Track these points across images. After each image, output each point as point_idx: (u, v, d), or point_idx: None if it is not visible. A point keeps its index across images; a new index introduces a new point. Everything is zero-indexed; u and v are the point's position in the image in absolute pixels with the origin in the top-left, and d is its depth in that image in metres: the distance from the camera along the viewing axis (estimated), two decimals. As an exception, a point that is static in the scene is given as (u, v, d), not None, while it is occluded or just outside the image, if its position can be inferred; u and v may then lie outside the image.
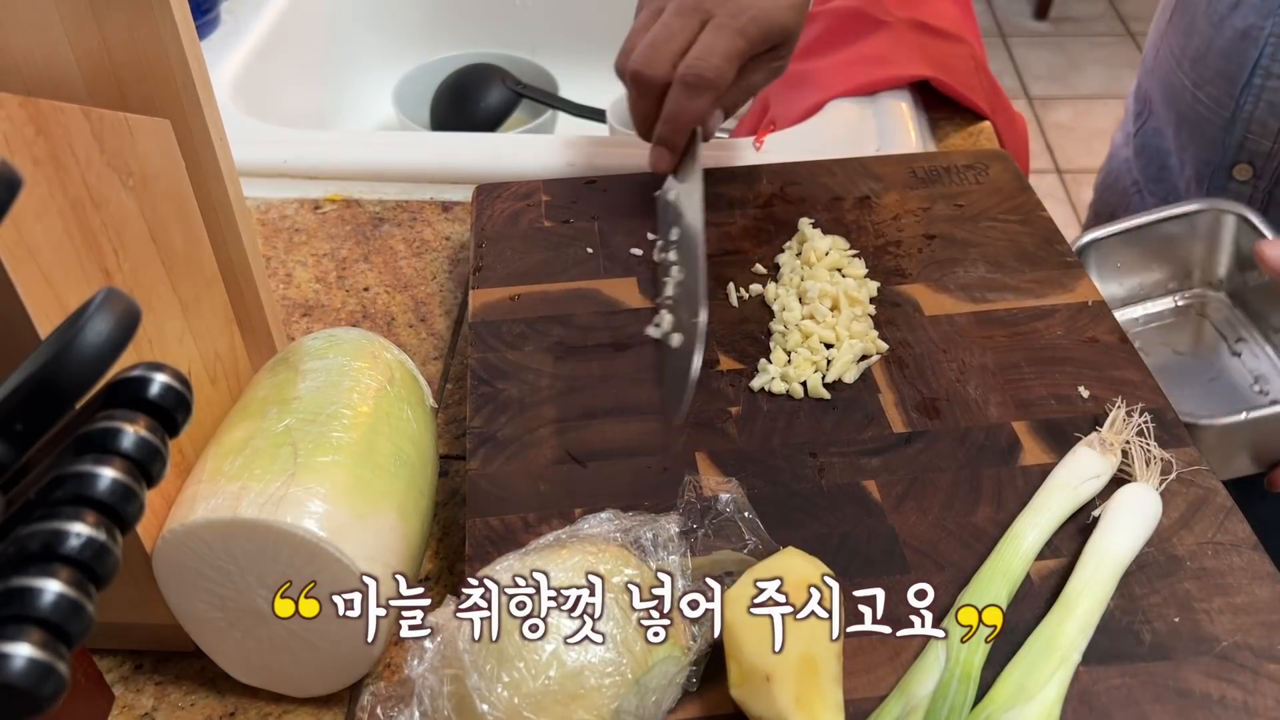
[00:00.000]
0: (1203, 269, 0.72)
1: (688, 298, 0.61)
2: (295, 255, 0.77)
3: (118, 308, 0.27)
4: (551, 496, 0.54)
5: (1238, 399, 0.68)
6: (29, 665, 0.22)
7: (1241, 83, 0.74)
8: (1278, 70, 0.72)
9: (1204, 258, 0.72)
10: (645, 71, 0.67)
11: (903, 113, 0.85)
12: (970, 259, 0.67)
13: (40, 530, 0.25)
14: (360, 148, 0.86)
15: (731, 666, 0.44)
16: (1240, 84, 0.74)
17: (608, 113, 1.00)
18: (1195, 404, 0.67)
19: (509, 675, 0.41)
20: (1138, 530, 0.50)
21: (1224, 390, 0.68)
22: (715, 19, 0.66)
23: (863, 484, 0.54)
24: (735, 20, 0.66)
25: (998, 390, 0.59)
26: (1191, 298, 0.73)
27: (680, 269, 0.64)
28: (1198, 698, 0.45)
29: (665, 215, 0.70)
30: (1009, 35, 3.04)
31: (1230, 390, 0.68)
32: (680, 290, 0.63)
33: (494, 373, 0.60)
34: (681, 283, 0.63)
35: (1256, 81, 0.73)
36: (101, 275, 0.44)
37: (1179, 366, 0.70)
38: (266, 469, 0.46)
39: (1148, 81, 0.88)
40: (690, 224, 0.65)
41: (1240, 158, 0.77)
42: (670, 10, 0.67)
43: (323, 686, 0.50)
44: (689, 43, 0.66)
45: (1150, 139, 0.88)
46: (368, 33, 1.17)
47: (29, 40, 0.46)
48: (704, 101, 0.67)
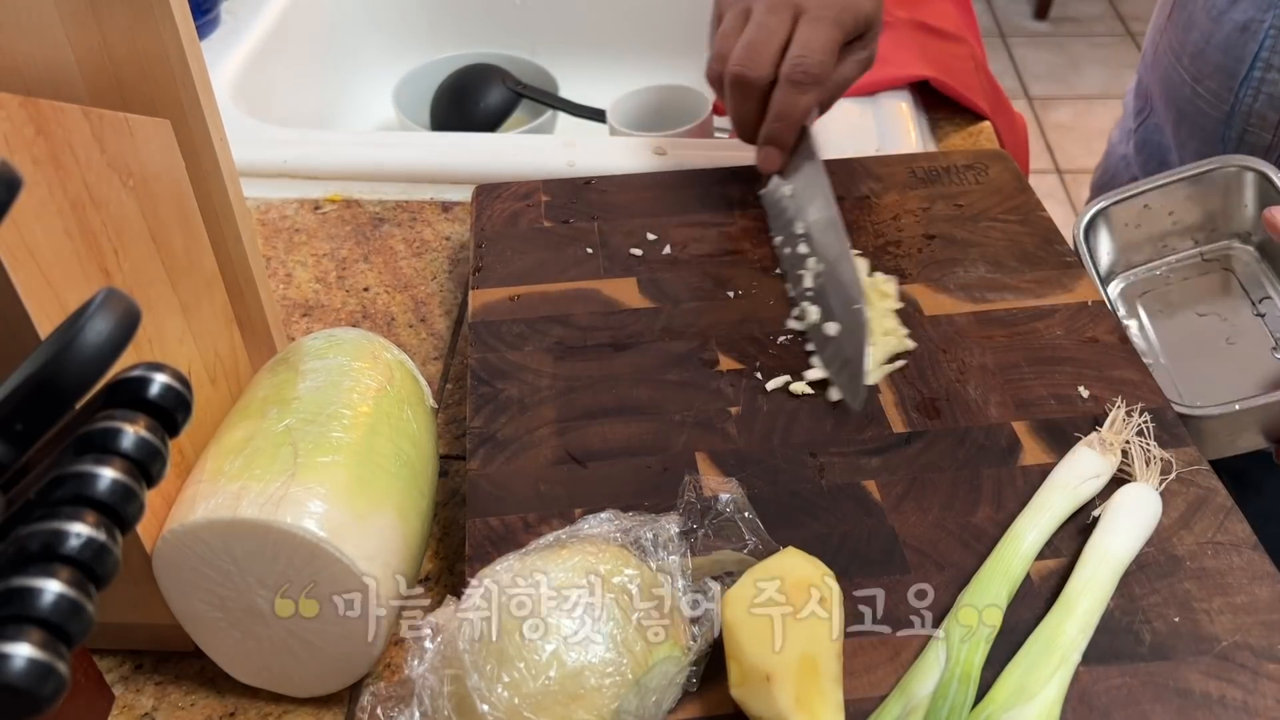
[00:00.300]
0: (1226, 221, 0.71)
1: (838, 287, 0.62)
2: (295, 255, 0.77)
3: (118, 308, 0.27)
4: (551, 496, 0.54)
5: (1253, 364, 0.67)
6: (29, 665, 0.22)
7: (1241, 76, 0.74)
8: (1277, 63, 0.72)
9: (1227, 211, 0.70)
10: (749, 73, 0.67)
11: (903, 113, 0.85)
12: (970, 259, 0.67)
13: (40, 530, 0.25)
14: (360, 148, 0.86)
15: (731, 666, 0.44)
16: (1239, 78, 0.74)
17: (608, 113, 1.00)
18: (1209, 371, 0.66)
19: (509, 675, 0.41)
20: (1138, 530, 0.50)
21: (1241, 354, 0.67)
22: (808, 13, 0.66)
23: (863, 484, 0.54)
24: (828, 11, 0.66)
25: (998, 390, 0.59)
26: (1218, 250, 0.71)
27: (818, 260, 0.64)
28: (1198, 698, 0.45)
29: (781, 209, 0.70)
30: (1009, 35, 3.04)
31: (1248, 355, 0.67)
32: (824, 280, 0.63)
33: (494, 373, 0.60)
34: (822, 274, 0.64)
35: (1256, 75, 0.73)
36: (101, 275, 0.44)
37: (1199, 328, 0.69)
38: (266, 469, 0.46)
39: (1148, 78, 0.88)
40: (824, 216, 0.66)
41: (1240, 151, 0.77)
42: (762, 9, 0.67)
43: (323, 686, 0.50)
44: (786, 40, 0.67)
45: (1151, 135, 0.88)
46: (368, 33, 1.17)
47: (29, 40, 0.46)
48: (812, 97, 0.67)
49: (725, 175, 0.75)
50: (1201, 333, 0.68)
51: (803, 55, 0.66)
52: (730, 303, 0.65)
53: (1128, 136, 0.93)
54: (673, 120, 0.99)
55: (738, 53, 0.67)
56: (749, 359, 0.61)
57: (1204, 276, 0.70)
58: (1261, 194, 0.68)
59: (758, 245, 0.69)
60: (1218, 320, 0.68)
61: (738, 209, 0.72)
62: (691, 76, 1.07)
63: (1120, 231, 0.71)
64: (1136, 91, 0.92)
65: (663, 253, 0.68)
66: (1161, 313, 0.67)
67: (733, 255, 0.68)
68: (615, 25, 1.18)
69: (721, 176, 0.75)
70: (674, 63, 1.16)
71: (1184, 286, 0.70)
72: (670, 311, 0.64)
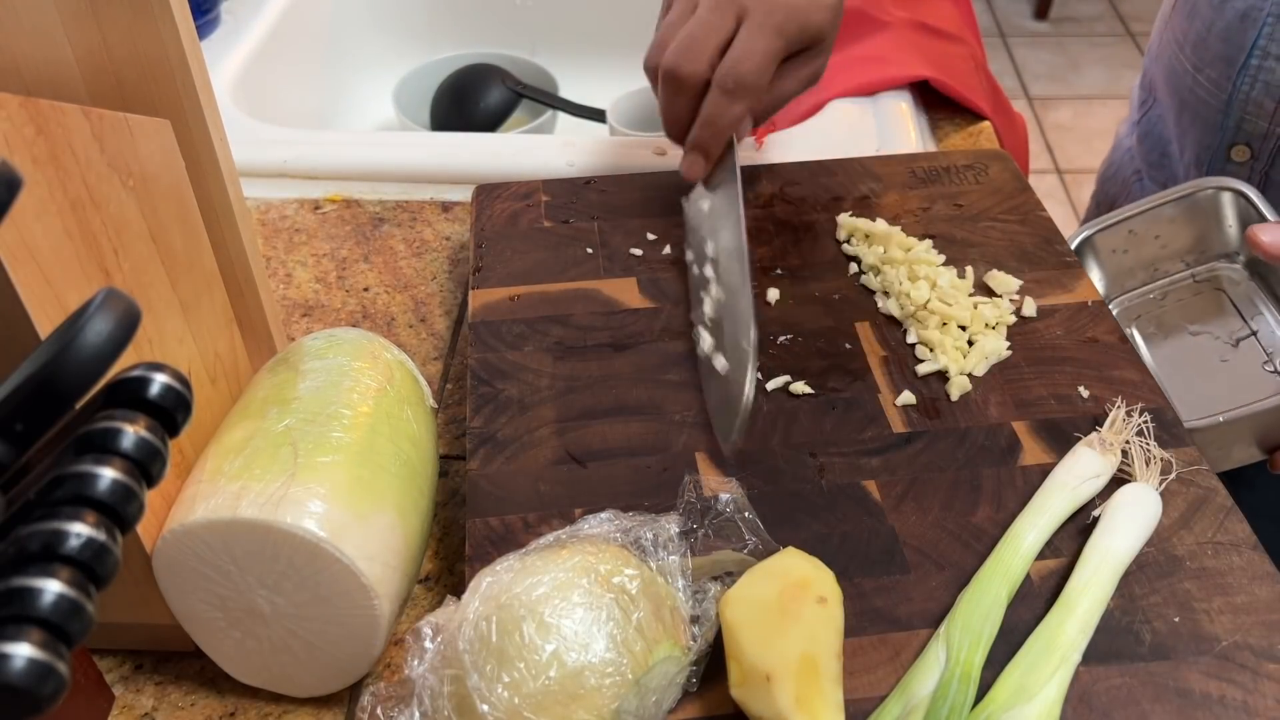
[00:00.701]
0: (1214, 242, 0.71)
1: (732, 319, 0.59)
2: (295, 255, 0.77)
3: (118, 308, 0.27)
4: (551, 496, 0.54)
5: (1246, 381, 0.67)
6: (29, 665, 0.22)
7: (1239, 64, 0.75)
8: (1275, 51, 0.73)
9: (1211, 233, 0.71)
10: (682, 69, 0.64)
11: (903, 113, 0.85)
12: (970, 259, 0.67)
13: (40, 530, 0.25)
14: (360, 148, 0.86)
15: (731, 666, 0.44)
16: (1238, 65, 0.75)
17: (608, 113, 1.00)
18: (1204, 388, 0.66)
19: (509, 675, 0.41)
20: (1138, 530, 0.50)
21: (1234, 371, 0.68)
22: (752, 17, 0.63)
23: (863, 484, 0.54)
24: (771, 18, 0.63)
25: (997, 390, 0.59)
26: (1208, 271, 0.72)
27: (720, 288, 0.62)
28: (1198, 697, 0.45)
29: (697, 224, 0.68)
30: (1009, 35, 3.04)
31: (1240, 372, 0.68)
32: (722, 310, 0.61)
33: (494, 373, 0.60)
34: (724, 303, 0.61)
35: (1254, 62, 0.74)
36: (101, 275, 0.44)
37: (1193, 347, 0.70)
38: (266, 469, 0.46)
39: (1153, 69, 0.88)
40: (731, 241, 0.63)
41: (1238, 139, 0.77)
42: (706, 5, 0.64)
43: (323, 686, 0.50)
44: (726, 41, 0.64)
45: (1153, 125, 0.88)
46: (368, 33, 1.17)
47: (29, 40, 0.46)
48: (742, 106, 0.64)
49: (725, 175, 0.75)
50: (1195, 351, 0.69)
51: (737, 62, 0.63)
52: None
53: (1132, 129, 0.93)
54: (673, 120, 0.99)
55: (675, 46, 0.64)
56: (749, 359, 0.61)
57: (1196, 297, 0.71)
58: (1241, 213, 0.69)
59: (758, 245, 0.69)
60: (1211, 339, 0.69)
61: (738, 209, 0.72)
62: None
63: (1109, 258, 0.72)
64: (1142, 83, 0.92)
65: (663, 253, 0.68)
66: (1155, 334, 0.68)
67: (733, 255, 0.68)
68: (615, 25, 1.18)
69: (721, 176, 0.75)
70: (674, 63, 1.16)
71: (1177, 308, 0.71)
72: (670, 311, 0.64)
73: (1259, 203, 0.67)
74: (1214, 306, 0.71)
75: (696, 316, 0.63)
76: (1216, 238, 0.71)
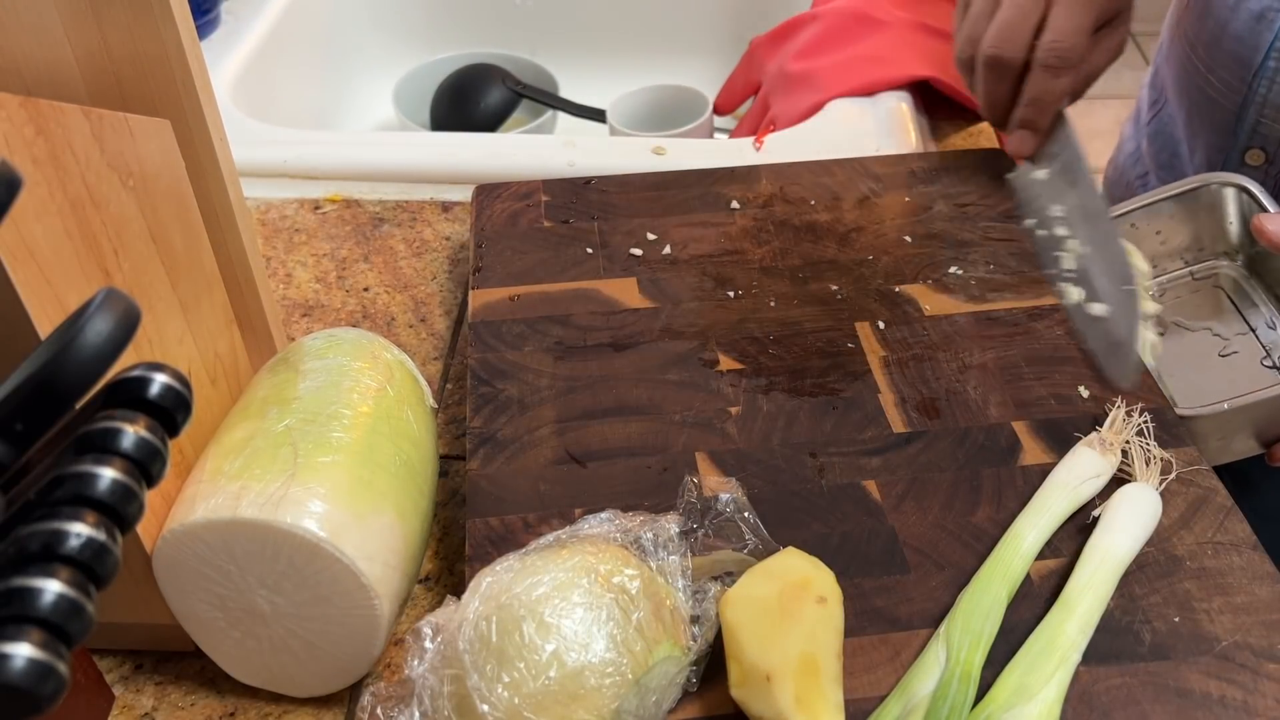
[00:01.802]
0: (1213, 240, 0.72)
1: (1107, 266, 0.63)
2: (295, 255, 0.77)
3: (118, 308, 0.27)
4: (551, 496, 0.54)
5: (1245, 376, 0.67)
6: (29, 665, 0.22)
7: (1255, 66, 0.74)
8: None
9: (1212, 230, 0.71)
10: (1004, 55, 0.67)
11: (903, 113, 0.85)
12: (970, 259, 0.67)
13: (40, 530, 0.25)
14: (360, 148, 0.85)
15: (731, 666, 0.44)
16: (1254, 68, 0.74)
17: (608, 113, 1.00)
18: (1202, 383, 0.66)
19: (509, 675, 0.41)
20: (1138, 530, 0.50)
21: (1234, 366, 0.68)
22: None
23: (863, 484, 0.54)
24: None
25: (998, 390, 0.59)
26: (1206, 269, 0.72)
27: (1081, 242, 0.66)
28: (1198, 698, 0.45)
29: (1035, 194, 0.71)
30: (1009, 35, 3.03)
31: (1240, 366, 0.68)
32: (1086, 261, 0.65)
33: (494, 373, 0.60)
34: (1085, 255, 0.65)
35: (1270, 65, 0.73)
36: (101, 275, 0.44)
37: (1191, 343, 0.70)
38: (266, 469, 0.46)
39: (1164, 69, 0.88)
40: (1088, 199, 0.66)
41: (1253, 143, 0.77)
42: None
43: (323, 686, 0.50)
44: (1040, 22, 0.67)
45: (1164, 126, 0.88)
46: (368, 33, 1.17)
47: (29, 40, 0.46)
48: (1066, 81, 0.67)
49: (725, 175, 0.75)
50: (1194, 347, 0.69)
51: (1056, 39, 0.66)
52: (730, 303, 0.65)
53: (1140, 130, 0.92)
54: (673, 120, 0.99)
55: (991, 34, 0.68)
56: (749, 359, 0.61)
57: (1195, 294, 0.71)
58: (1244, 209, 0.70)
59: (758, 245, 0.69)
60: (1209, 335, 0.69)
61: (737, 209, 0.72)
62: (691, 76, 1.08)
63: None
64: (1152, 83, 0.92)
65: (663, 253, 0.68)
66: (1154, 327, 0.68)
67: (733, 255, 0.68)
68: (615, 25, 1.18)
69: (721, 176, 0.75)
70: (674, 63, 1.17)
71: (1176, 305, 0.71)
72: (670, 311, 0.64)
73: (1263, 198, 0.67)
74: (1212, 303, 0.71)
75: (1054, 276, 0.66)
76: (1216, 235, 0.71)
